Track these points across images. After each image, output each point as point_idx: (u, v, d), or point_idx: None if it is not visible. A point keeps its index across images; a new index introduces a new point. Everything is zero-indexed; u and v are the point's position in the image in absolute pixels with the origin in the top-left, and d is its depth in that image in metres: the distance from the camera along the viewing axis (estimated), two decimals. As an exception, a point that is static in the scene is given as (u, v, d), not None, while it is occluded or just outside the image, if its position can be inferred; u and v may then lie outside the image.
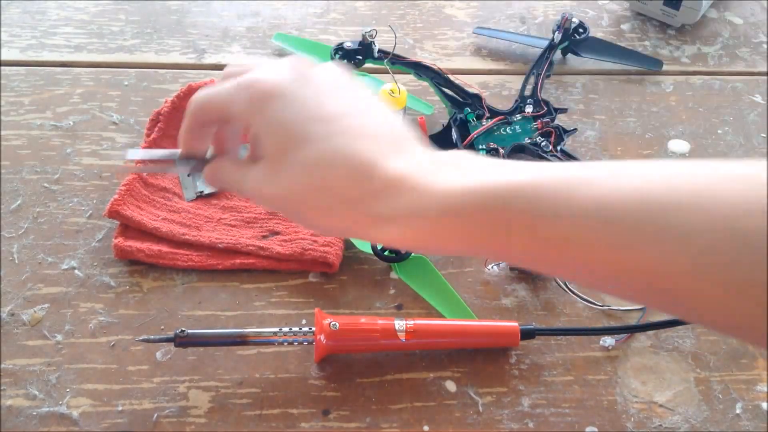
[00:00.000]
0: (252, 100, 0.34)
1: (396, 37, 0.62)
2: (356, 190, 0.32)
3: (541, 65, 0.60)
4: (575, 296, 0.47)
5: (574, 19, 0.62)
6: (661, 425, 0.42)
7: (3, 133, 0.55)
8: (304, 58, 0.36)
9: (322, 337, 0.42)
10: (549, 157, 0.53)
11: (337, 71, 0.36)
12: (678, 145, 0.58)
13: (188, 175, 0.51)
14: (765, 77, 0.64)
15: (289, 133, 0.33)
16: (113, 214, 0.48)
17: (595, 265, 0.29)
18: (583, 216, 0.28)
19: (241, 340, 0.42)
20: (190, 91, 0.54)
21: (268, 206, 0.41)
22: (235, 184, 0.37)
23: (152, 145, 0.53)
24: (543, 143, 0.54)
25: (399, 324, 0.43)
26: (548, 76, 0.61)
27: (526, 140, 0.55)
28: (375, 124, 0.35)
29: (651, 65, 0.64)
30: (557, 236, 0.29)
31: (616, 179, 0.29)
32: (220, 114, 0.36)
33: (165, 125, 0.54)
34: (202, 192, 0.51)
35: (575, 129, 0.56)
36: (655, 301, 0.30)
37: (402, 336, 0.43)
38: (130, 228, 0.49)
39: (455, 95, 0.57)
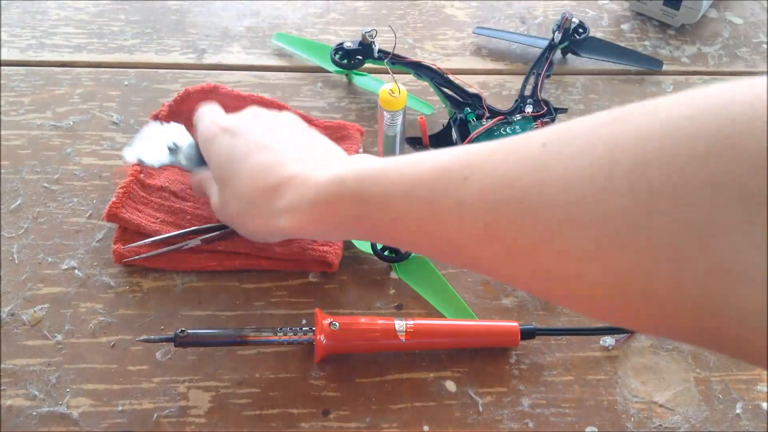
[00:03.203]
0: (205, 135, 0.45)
1: (396, 37, 0.62)
2: (260, 191, 0.40)
3: (541, 65, 0.60)
4: (575, 296, 0.47)
5: (574, 19, 0.62)
6: (661, 425, 0.42)
7: (3, 133, 0.55)
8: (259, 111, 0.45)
9: (322, 337, 0.42)
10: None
11: (274, 117, 0.45)
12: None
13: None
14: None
15: (224, 167, 0.42)
16: (112, 217, 0.48)
17: (417, 235, 0.33)
18: (399, 196, 0.33)
19: (241, 340, 0.42)
20: (187, 95, 0.54)
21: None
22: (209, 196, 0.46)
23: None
24: (543, 143, 0.54)
25: (399, 324, 0.43)
26: (548, 76, 0.61)
27: (526, 140, 0.55)
28: (290, 142, 0.42)
29: (651, 65, 0.64)
30: (387, 215, 0.34)
31: (415, 164, 0.33)
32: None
33: None
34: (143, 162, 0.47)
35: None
36: (474, 268, 0.33)
37: (402, 336, 0.43)
38: (128, 231, 0.48)
39: (455, 95, 0.57)
